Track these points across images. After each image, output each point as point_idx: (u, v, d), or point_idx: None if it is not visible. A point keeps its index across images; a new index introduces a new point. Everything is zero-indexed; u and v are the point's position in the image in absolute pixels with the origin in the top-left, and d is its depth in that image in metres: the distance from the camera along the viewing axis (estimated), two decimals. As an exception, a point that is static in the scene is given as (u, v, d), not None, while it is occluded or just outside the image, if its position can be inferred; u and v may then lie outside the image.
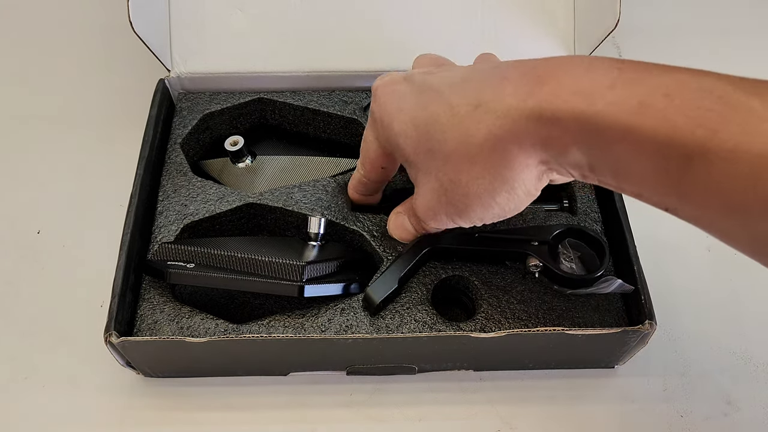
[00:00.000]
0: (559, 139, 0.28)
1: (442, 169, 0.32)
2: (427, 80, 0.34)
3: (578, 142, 0.28)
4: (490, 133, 0.29)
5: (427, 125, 0.32)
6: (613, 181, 0.29)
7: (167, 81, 0.49)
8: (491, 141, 0.30)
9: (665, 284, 0.47)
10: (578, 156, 0.28)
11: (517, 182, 0.31)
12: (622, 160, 0.27)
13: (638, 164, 0.26)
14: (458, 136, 0.31)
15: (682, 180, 0.25)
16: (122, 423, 0.41)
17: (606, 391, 0.42)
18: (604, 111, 0.26)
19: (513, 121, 0.29)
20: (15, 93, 0.59)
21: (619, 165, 0.27)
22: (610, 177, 0.28)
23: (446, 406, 0.42)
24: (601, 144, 0.27)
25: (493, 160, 0.30)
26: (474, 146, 0.30)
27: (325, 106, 0.50)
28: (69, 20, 0.65)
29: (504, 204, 0.32)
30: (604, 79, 0.27)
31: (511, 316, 0.40)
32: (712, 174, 0.24)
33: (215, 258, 0.38)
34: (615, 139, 0.26)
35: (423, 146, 0.33)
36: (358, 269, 0.42)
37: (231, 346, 0.38)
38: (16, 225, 0.50)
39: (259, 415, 0.41)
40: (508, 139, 0.29)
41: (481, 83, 0.31)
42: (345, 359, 0.41)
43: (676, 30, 0.65)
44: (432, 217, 0.35)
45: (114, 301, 0.37)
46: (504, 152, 0.30)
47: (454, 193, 0.33)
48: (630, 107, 0.25)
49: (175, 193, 0.45)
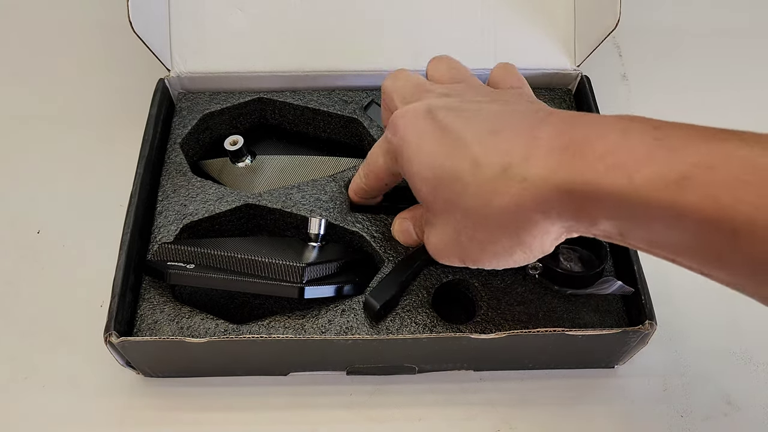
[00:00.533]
0: (589, 212, 0.27)
1: (461, 221, 0.31)
2: (450, 123, 0.32)
3: (611, 216, 0.26)
4: (516, 200, 0.28)
5: (448, 176, 0.31)
6: (645, 248, 0.27)
7: (167, 81, 0.49)
8: (515, 208, 0.29)
9: (665, 284, 0.47)
10: (608, 226, 0.27)
11: (536, 244, 0.30)
12: (660, 232, 0.25)
13: (677, 237, 0.25)
14: (481, 197, 0.30)
15: (724, 253, 0.24)
16: (122, 423, 0.41)
17: (606, 392, 0.42)
18: (642, 186, 0.24)
19: (541, 192, 0.27)
20: (15, 93, 0.59)
21: (654, 236, 0.26)
22: (642, 244, 0.27)
23: (446, 406, 0.42)
24: (636, 218, 0.26)
25: (514, 225, 0.29)
26: (497, 210, 0.29)
27: (325, 106, 0.50)
28: (68, 20, 0.64)
29: (518, 260, 0.32)
30: (641, 148, 0.25)
31: (510, 317, 0.40)
32: (758, 247, 0.23)
33: (215, 259, 0.38)
34: (653, 215, 0.25)
35: (441, 194, 0.32)
36: (358, 270, 0.42)
37: (231, 347, 0.38)
38: (16, 225, 0.50)
39: (259, 415, 0.41)
40: (534, 209, 0.28)
41: (511, 141, 0.29)
42: (345, 360, 0.41)
43: (676, 30, 0.65)
44: (442, 257, 0.35)
45: (114, 301, 0.37)
46: (527, 220, 0.29)
47: (471, 245, 0.32)
48: (670, 181, 0.24)
49: (175, 193, 0.45)
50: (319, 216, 0.42)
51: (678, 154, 0.24)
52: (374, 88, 0.51)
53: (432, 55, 0.39)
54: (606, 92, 0.55)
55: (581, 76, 0.50)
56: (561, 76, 0.51)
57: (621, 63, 0.63)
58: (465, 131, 0.31)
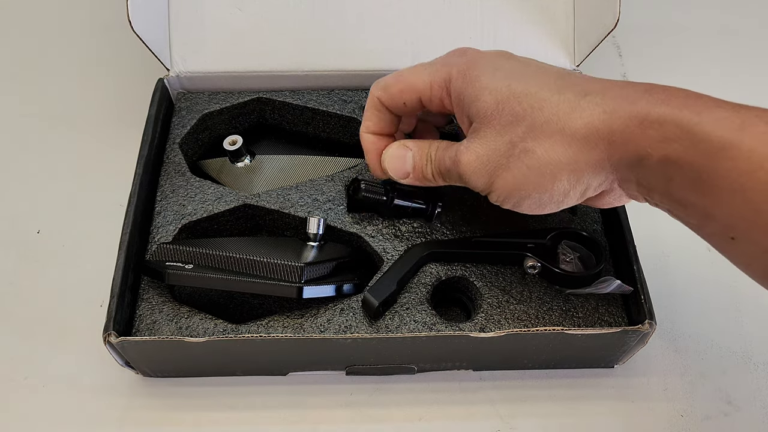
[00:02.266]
0: (652, 144, 0.29)
1: (522, 135, 0.32)
2: (526, 60, 0.35)
3: (671, 150, 0.28)
4: (592, 123, 0.30)
5: (526, 92, 0.32)
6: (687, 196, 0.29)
7: (166, 80, 0.49)
8: (589, 131, 0.30)
9: (665, 284, 0.47)
10: (659, 165, 0.29)
11: (584, 179, 0.32)
12: (713, 171, 0.27)
13: (727, 180, 0.27)
14: (558, 113, 0.31)
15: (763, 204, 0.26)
16: (121, 423, 0.41)
17: (606, 391, 0.42)
18: (709, 123, 0.27)
19: (617, 119, 0.30)
20: (14, 93, 0.59)
21: (705, 178, 0.28)
22: (686, 190, 0.29)
23: (446, 406, 0.42)
24: (695, 153, 0.28)
25: (579, 148, 0.31)
26: (569, 129, 0.31)
27: (325, 105, 0.50)
28: (68, 20, 0.65)
29: (556, 192, 0.33)
30: (706, 99, 0.28)
31: (510, 316, 0.40)
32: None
33: (214, 259, 0.38)
34: (712, 151, 0.27)
35: (510, 107, 0.32)
36: (356, 270, 0.42)
37: (230, 346, 0.38)
38: (16, 225, 0.50)
39: (258, 415, 0.41)
40: (604, 136, 0.30)
41: (588, 82, 0.32)
42: (344, 359, 0.41)
43: (676, 29, 0.65)
44: (472, 172, 0.34)
45: (113, 301, 0.37)
46: (593, 145, 0.30)
47: (520, 161, 0.32)
48: (733, 124, 0.27)
49: (174, 193, 0.45)
50: (318, 216, 0.42)
51: (740, 109, 0.28)
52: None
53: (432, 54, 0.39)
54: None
55: (581, 75, 0.50)
56: (561, 75, 0.50)
57: (621, 62, 0.62)
58: (544, 68, 0.34)
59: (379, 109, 0.39)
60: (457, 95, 0.35)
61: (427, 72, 0.36)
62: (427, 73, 0.36)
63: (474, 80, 0.34)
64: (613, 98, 0.30)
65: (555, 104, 0.31)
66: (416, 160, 0.38)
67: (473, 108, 0.34)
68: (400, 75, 0.38)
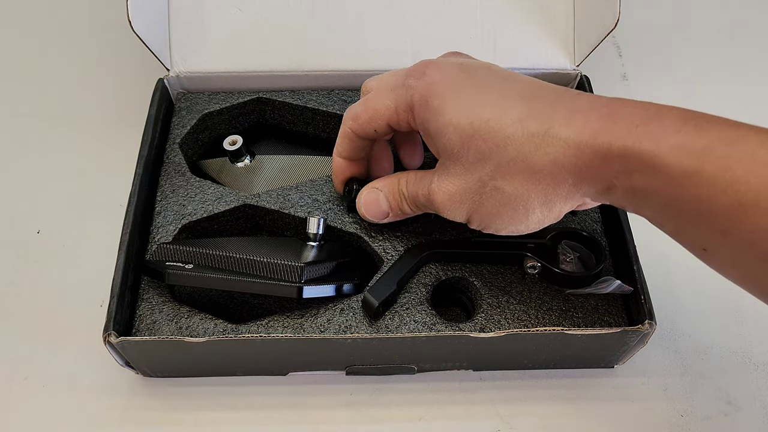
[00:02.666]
0: (617, 176, 0.29)
1: (491, 174, 0.32)
2: (489, 80, 0.34)
3: (634, 180, 0.29)
4: (557, 160, 0.31)
5: (489, 129, 0.32)
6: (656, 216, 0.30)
7: (166, 80, 0.49)
8: (555, 167, 0.31)
9: (665, 284, 0.47)
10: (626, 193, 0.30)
11: (557, 207, 0.33)
12: (676, 198, 0.28)
13: (691, 205, 0.28)
14: (522, 152, 0.31)
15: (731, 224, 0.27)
16: (121, 423, 0.41)
17: (606, 391, 0.42)
18: (669, 153, 0.28)
19: (581, 155, 0.30)
20: (14, 93, 0.59)
21: (670, 204, 0.28)
22: (654, 212, 0.30)
23: (446, 406, 0.42)
24: (658, 182, 0.28)
25: (548, 183, 0.31)
26: (535, 167, 0.31)
27: (324, 105, 0.50)
28: (68, 19, 0.65)
29: (531, 222, 0.34)
30: (670, 125, 0.28)
31: (510, 316, 0.40)
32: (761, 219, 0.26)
33: (214, 259, 0.38)
34: (675, 180, 0.28)
35: (475, 146, 0.32)
36: (357, 269, 0.42)
37: (230, 346, 0.38)
38: (16, 225, 0.50)
39: (258, 415, 0.41)
40: (570, 170, 0.31)
41: (552, 107, 0.31)
42: (344, 359, 0.41)
43: (676, 29, 0.65)
44: (451, 208, 0.35)
45: (113, 301, 0.37)
46: (561, 180, 0.31)
47: (492, 198, 0.33)
48: (694, 150, 0.27)
49: (173, 193, 0.45)
50: (318, 216, 0.42)
51: (703, 130, 0.27)
52: (374, 87, 0.51)
53: (432, 54, 0.39)
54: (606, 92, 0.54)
55: (581, 75, 0.50)
56: (560, 75, 0.51)
57: (621, 63, 0.62)
58: (507, 91, 0.33)
59: (351, 138, 0.39)
60: (421, 124, 0.35)
61: (391, 97, 0.36)
62: (391, 98, 0.36)
63: (436, 113, 0.33)
64: (577, 131, 0.30)
65: (519, 142, 0.31)
66: (390, 200, 0.39)
67: (439, 143, 0.34)
68: (367, 102, 0.37)
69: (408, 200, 0.38)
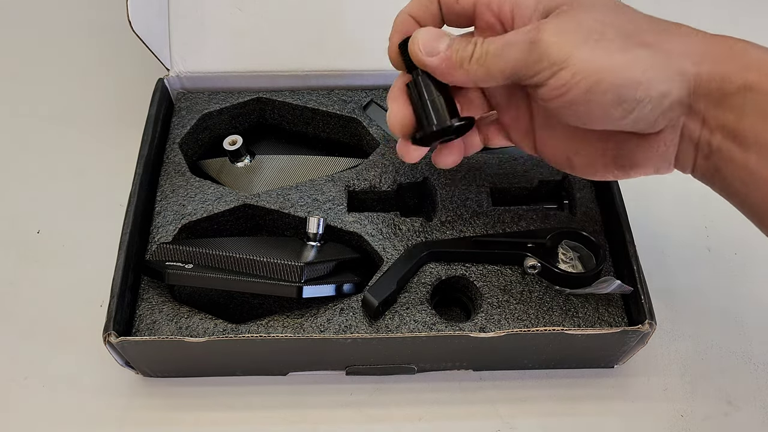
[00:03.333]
0: (736, 72, 0.28)
1: (615, 19, 0.30)
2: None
3: (750, 79, 0.28)
4: (689, 40, 0.30)
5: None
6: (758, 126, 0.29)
7: (166, 80, 0.49)
8: (685, 47, 0.29)
9: (665, 284, 0.47)
10: (735, 100, 0.29)
11: (663, 84, 0.29)
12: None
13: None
14: (656, 28, 0.31)
15: None
16: (121, 423, 0.41)
17: (606, 391, 0.42)
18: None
19: (711, 44, 0.30)
20: (14, 93, 0.59)
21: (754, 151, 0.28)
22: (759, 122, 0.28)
23: (446, 406, 0.42)
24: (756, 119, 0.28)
25: (672, 55, 0.29)
26: (668, 44, 0.30)
27: (324, 105, 0.50)
28: (68, 19, 0.64)
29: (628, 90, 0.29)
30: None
31: (510, 316, 0.40)
32: None
33: (213, 258, 0.38)
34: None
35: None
36: (357, 269, 0.42)
37: (230, 346, 0.38)
38: (16, 225, 0.50)
39: (258, 415, 0.41)
40: (698, 53, 0.29)
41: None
42: (344, 359, 0.41)
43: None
44: (553, 42, 0.29)
45: (113, 301, 0.37)
46: (686, 58, 0.29)
47: (613, 43, 0.29)
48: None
49: (173, 193, 0.45)
50: (318, 215, 0.42)
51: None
52: (373, 87, 0.51)
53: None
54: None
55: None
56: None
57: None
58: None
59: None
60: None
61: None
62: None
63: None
64: (703, 33, 0.30)
65: (653, 22, 0.31)
66: (455, 44, 0.32)
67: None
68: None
69: (481, 47, 0.31)
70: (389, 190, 0.45)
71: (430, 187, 0.45)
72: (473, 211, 0.44)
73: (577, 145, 0.35)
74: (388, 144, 0.47)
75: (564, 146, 0.35)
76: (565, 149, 0.35)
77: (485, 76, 0.31)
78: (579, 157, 0.35)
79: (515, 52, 0.30)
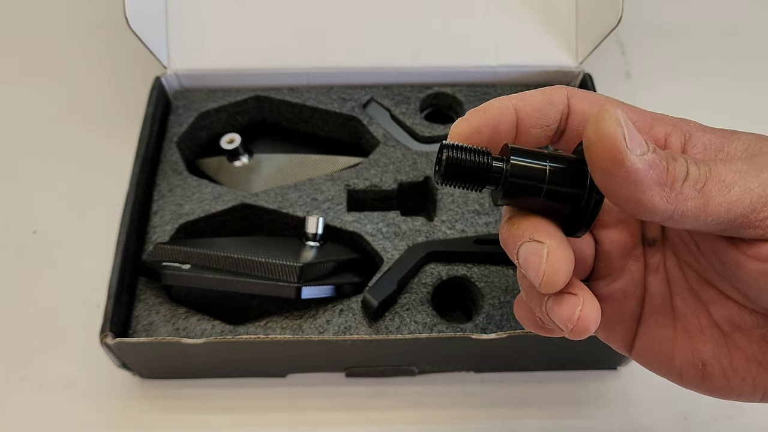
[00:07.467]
0: None
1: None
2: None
3: None
4: None
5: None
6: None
7: (164, 78, 0.49)
8: None
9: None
10: None
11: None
12: None
13: None
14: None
15: None
16: (118, 424, 0.40)
17: (609, 394, 0.42)
18: None
19: None
20: (10, 92, 0.59)
21: None
22: None
23: (447, 408, 0.41)
24: None
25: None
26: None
27: (323, 104, 0.49)
28: (64, 17, 0.64)
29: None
30: None
31: (512, 317, 0.39)
32: None
33: (211, 259, 0.38)
34: None
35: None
36: (356, 270, 0.42)
37: (228, 348, 0.37)
38: (11, 225, 0.50)
39: (257, 417, 0.41)
40: None
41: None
42: (344, 361, 0.40)
43: (678, 27, 0.64)
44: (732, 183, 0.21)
45: (109, 302, 0.37)
46: None
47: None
48: None
49: (170, 193, 0.44)
50: (317, 215, 0.42)
51: None
52: (373, 85, 0.50)
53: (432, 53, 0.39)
54: (609, 90, 0.54)
55: (583, 74, 0.50)
56: (563, 73, 0.50)
57: (624, 61, 0.62)
58: None
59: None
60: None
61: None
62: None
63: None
64: None
65: None
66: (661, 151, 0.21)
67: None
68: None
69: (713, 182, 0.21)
70: (390, 190, 0.45)
71: (431, 186, 0.44)
72: (475, 210, 0.43)
73: (734, 341, 0.24)
74: (388, 142, 0.47)
75: (713, 339, 0.25)
76: (713, 343, 0.25)
77: (695, 210, 0.21)
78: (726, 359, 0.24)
79: (756, 185, 0.21)
